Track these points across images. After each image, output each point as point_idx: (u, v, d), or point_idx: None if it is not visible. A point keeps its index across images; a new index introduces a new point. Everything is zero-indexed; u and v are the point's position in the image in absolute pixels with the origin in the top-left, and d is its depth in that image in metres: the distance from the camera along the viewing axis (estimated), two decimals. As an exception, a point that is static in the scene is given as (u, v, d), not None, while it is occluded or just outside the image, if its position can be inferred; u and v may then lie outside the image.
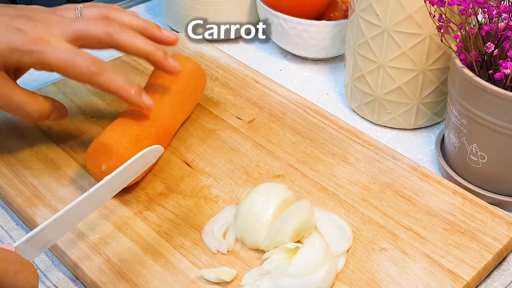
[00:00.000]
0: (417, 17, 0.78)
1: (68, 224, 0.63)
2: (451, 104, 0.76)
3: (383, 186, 0.75)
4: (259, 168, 0.78)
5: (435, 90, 0.85)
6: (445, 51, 0.81)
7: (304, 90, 0.97)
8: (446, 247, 0.68)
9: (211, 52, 0.99)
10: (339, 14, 1.02)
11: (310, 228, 0.67)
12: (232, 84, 0.92)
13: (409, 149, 0.86)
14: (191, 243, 0.68)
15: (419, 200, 0.73)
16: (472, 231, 0.70)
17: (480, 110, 0.71)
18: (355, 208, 0.73)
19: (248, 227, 0.67)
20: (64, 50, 0.69)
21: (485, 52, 0.71)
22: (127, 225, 0.70)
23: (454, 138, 0.77)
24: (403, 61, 0.82)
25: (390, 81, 0.84)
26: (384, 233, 0.70)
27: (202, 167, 0.78)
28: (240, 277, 0.65)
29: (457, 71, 0.73)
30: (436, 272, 0.65)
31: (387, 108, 0.87)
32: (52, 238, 0.62)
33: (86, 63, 0.69)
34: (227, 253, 0.67)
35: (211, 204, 0.73)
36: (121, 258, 0.66)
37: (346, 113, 0.93)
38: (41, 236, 0.59)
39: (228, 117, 0.86)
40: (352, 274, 0.65)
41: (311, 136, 0.83)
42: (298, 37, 0.98)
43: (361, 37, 0.84)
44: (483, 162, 0.74)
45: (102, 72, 0.70)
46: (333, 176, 0.77)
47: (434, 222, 0.71)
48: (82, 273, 0.65)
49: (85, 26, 0.71)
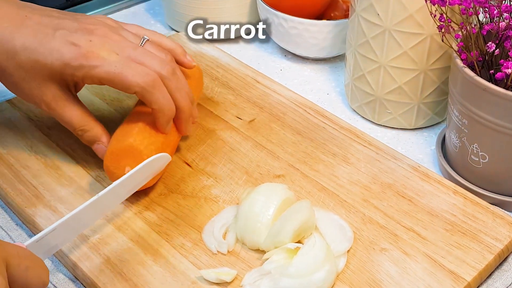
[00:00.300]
0: (418, 16, 0.78)
1: (74, 228, 0.64)
2: (452, 104, 0.76)
3: (383, 186, 0.75)
4: (260, 168, 0.78)
5: (436, 90, 0.85)
6: (446, 50, 0.81)
7: (305, 90, 0.97)
8: (447, 248, 0.68)
9: (211, 51, 0.99)
10: (339, 14, 1.02)
11: (310, 228, 0.68)
12: (232, 84, 0.92)
13: (410, 149, 0.86)
14: (191, 243, 0.68)
15: (420, 200, 0.73)
16: (473, 232, 0.70)
17: (481, 110, 0.71)
18: (356, 208, 0.73)
19: (249, 227, 0.67)
20: (113, 62, 0.69)
21: (486, 52, 0.71)
22: (127, 225, 0.70)
23: (455, 138, 0.77)
24: (404, 60, 0.82)
25: (391, 81, 0.84)
26: (385, 233, 0.70)
27: (202, 167, 0.78)
28: (241, 278, 0.65)
29: (458, 71, 0.73)
30: (437, 273, 0.65)
31: (388, 108, 0.87)
32: (57, 243, 0.62)
33: (135, 78, 0.69)
34: (227, 254, 0.67)
35: (211, 204, 0.73)
36: (121, 259, 0.66)
37: (346, 113, 0.93)
38: (48, 240, 0.60)
39: (229, 117, 0.86)
40: (353, 274, 0.65)
41: (311, 136, 0.83)
42: (299, 37, 0.98)
43: (362, 36, 0.84)
44: (484, 162, 0.74)
45: (151, 89, 0.70)
46: (334, 176, 0.77)
47: (435, 222, 0.71)
48: (82, 274, 0.65)
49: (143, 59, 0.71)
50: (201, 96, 0.87)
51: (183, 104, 0.73)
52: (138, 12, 1.16)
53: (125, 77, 0.69)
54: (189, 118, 0.75)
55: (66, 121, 0.73)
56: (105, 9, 1.14)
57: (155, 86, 0.70)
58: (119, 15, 1.15)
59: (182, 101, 0.73)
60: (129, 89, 0.69)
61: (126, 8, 1.17)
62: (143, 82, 0.69)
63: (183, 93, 0.73)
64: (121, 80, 0.69)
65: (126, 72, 0.69)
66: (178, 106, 0.72)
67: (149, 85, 0.69)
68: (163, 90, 0.70)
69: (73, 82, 0.72)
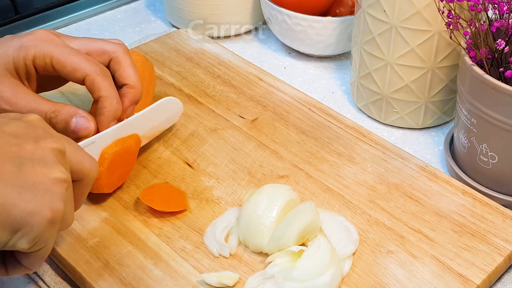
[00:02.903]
0: (425, 13, 0.78)
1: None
2: (460, 103, 0.76)
3: (390, 186, 0.75)
4: (263, 168, 0.78)
5: (444, 88, 0.84)
6: (455, 48, 0.81)
7: (309, 88, 0.97)
8: (455, 250, 0.68)
9: (213, 49, 0.99)
10: (345, 10, 1.02)
11: (315, 230, 0.67)
12: (234, 82, 0.92)
13: (417, 149, 0.86)
14: (192, 246, 0.68)
15: (427, 201, 0.73)
16: (483, 233, 0.70)
17: (490, 109, 0.71)
18: (362, 210, 0.72)
19: (251, 229, 0.67)
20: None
21: (496, 49, 0.71)
22: (126, 228, 0.70)
23: (464, 138, 0.77)
24: (411, 58, 0.82)
25: (397, 79, 0.84)
26: (392, 235, 0.70)
27: (203, 167, 0.78)
28: (243, 281, 0.64)
29: (467, 68, 0.72)
30: (445, 276, 0.65)
31: (395, 107, 0.87)
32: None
33: (89, 62, 0.70)
34: (230, 257, 0.67)
35: (213, 206, 0.73)
36: (120, 263, 0.66)
37: (352, 112, 0.93)
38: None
39: (231, 116, 0.86)
40: (359, 278, 0.65)
41: (316, 135, 0.83)
42: (303, 34, 0.98)
43: (368, 33, 0.84)
44: (494, 163, 0.74)
45: (102, 75, 0.70)
46: (339, 177, 0.77)
47: (443, 223, 0.71)
48: (80, 278, 0.65)
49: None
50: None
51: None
52: (138, 9, 1.16)
53: (79, 59, 0.69)
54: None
55: (34, 108, 0.70)
56: (104, 5, 1.15)
57: (106, 73, 0.70)
58: (119, 12, 1.15)
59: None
60: (79, 70, 0.69)
61: (126, 4, 1.17)
62: (96, 66, 0.70)
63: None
64: (74, 62, 0.69)
65: (80, 55, 0.70)
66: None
67: (101, 70, 0.70)
68: (111, 80, 0.71)
69: (25, 70, 0.71)
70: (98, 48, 0.73)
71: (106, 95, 0.70)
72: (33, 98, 0.70)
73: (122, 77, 0.73)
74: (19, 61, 0.70)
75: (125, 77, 0.73)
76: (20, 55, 0.69)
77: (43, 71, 0.70)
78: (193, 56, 0.97)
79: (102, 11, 1.15)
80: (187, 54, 0.97)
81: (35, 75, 0.71)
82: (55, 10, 1.11)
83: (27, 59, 0.69)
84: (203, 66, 0.95)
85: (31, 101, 0.69)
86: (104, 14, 1.15)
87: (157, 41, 1.00)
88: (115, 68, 0.73)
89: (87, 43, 0.74)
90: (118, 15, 1.15)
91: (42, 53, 0.69)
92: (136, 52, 0.85)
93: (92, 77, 0.69)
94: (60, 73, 0.70)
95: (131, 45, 1.02)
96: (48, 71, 0.70)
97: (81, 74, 0.69)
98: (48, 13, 1.11)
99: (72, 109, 0.70)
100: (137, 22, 1.13)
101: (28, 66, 0.70)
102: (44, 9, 1.10)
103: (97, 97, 0.70)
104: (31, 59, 0.69)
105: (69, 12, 1.12)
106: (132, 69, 0.73)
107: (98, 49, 0.73)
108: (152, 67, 0.85)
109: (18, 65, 0.70)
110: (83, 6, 1.13)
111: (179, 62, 0.96)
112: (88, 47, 0.73)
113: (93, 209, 0.72)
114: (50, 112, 0.69)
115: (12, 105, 0.69)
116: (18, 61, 0.70)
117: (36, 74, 0.71)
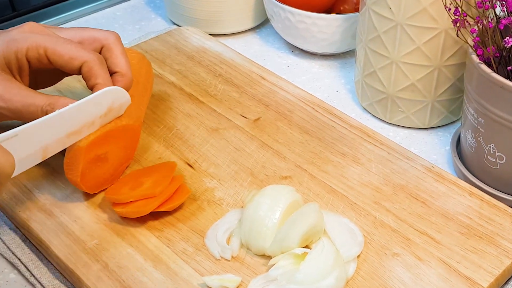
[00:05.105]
0: (432, 10, 0.78)
1: (34, 142, 0.65)
2: (467, 102, 0.76)
3: (395, 187, 0.75)
4: (265, 169, 0.78)
5: (450, 87, 0.84)
6: (461, 46, 0.81)
7: (313, 87, 0.97)
8: (462, 252, 0.68)
9: (214, 47, 0.99)
10: (349, 7, 1.02)
11: (319, 232, 0.67)
12: (236, 81, 0.92)
13: (424, 149, 0.86)
14: (193, 248, 0.68)
15: (434, 203, 0.73)
16: (490, 235, 0.70)
17: (498, 108, 0.71)
18: (367, 211, 0.73)
19: (254, 231, 0.67)
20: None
21: (504, 47, 0.71)
22: (126, 230, 0.70)
23: (471, 137, 0.77)
24: (417, 56, 0.82)
25: (403, 78, 0.84)
26: (397, 237, 0.70)
27: (205, 168, 0.78)
28: (245, 284, 0.65)
29: (474, 67, 0.72)
30: (452, 278, 0.65)
31: (400, 106, 0.87)
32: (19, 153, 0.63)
33: (86, 50, 0.71)
34: (232, 259, 0.67)
35: (215, 208, 0.73)
36: (120, 265, 0.66)
37: (357, 112, 0.93)
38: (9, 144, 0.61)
39: (233, 115, 0.86)
40: (363, 280, 0.65)
41: (320, 135, 0.83)
42: (307, 31, 0.98)
43: (372, 31, 0.84)
44: (502, 163, 0.74)
45: (99, 62, 0.71)
46: (343, 178, 0.77)
47: (450, 225, 0.71)
48: (78, 281, 0.65)
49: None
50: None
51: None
52: (138, 6, 1.17)
53: (75, 47, 0.70)
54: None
55: (29, 103, 0.69)
56: (103, 2, 1.15)
57: (102, 61, 0.71)
58: (118, 9, 1.15)
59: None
60: (77, 58, 0.70)
61: (125, 1, 1.17)
62: (92, 53, 0.70)
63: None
64: (70, 50, 0.70)
65: (74, 44, 0.70)
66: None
67: (98, 58, 0.71)
68: (107, 68, 0.72)
69: (17, 64, 0.71)
70: (89, 36, 0.74)
71: (102, 83, 0.70)
72: (27, 92, 0.69)
73: (113, 64, 0.73)
74: (10, 55, 0.70)
75: (116, 64, 0.73)
76: (10, 49, 0.69)
77: (37, 64, 0.70)
78: (194, 55, 0.97)
79: (101, 8, 1.15)
80: (188, 52, 0.97)
81: (28, 69, 0.72)
82: (53, 8, 1.11)
83: (19, 53, 0.69)
84: (204, 65, 0.95)
85: (25, 96, 0.69)
86: (103, 11, 1.15)
87: (157, 39, 1.00)
88: (107, 55, 0.74)
89: (78, 32, 0.74)
90: (117, 12, 1.15)
91: (35, 44, 0.69)
92: (132, 49, 0.85)
93: (90, 64, 0.70)
94: (56, 63, 0.70)
95: (131, 43, 1.02)
96: (42, 63, 0.70)
97: (79, 62, 0.70)
98: (46, 10, 1.11)
99: (67, 100, 0.70)
100: (137, 19, 1.13)
101: (20, 59, 0.70)
102: (41, 6, 1.11)
103: (93, 84, 0.71)
104: (23, 52, 0.69)
105: (67, 9, 1.13)
106: (123, 57, 0.74)
107: (89, 37, 0.74)
108: (149, 64, 0.85)
109: (9, 59, 0.70)
110: (82, 3, 1.13)
111: (180, 60, 0.96)
112: (79, 36, 0.74)
113: (92, 210, 0.72)
114: (46, 105, 0.69)
115: (6, 101, 0.69)
116: (9, 55, 0.70)
117: (28, 68, 0.71)
